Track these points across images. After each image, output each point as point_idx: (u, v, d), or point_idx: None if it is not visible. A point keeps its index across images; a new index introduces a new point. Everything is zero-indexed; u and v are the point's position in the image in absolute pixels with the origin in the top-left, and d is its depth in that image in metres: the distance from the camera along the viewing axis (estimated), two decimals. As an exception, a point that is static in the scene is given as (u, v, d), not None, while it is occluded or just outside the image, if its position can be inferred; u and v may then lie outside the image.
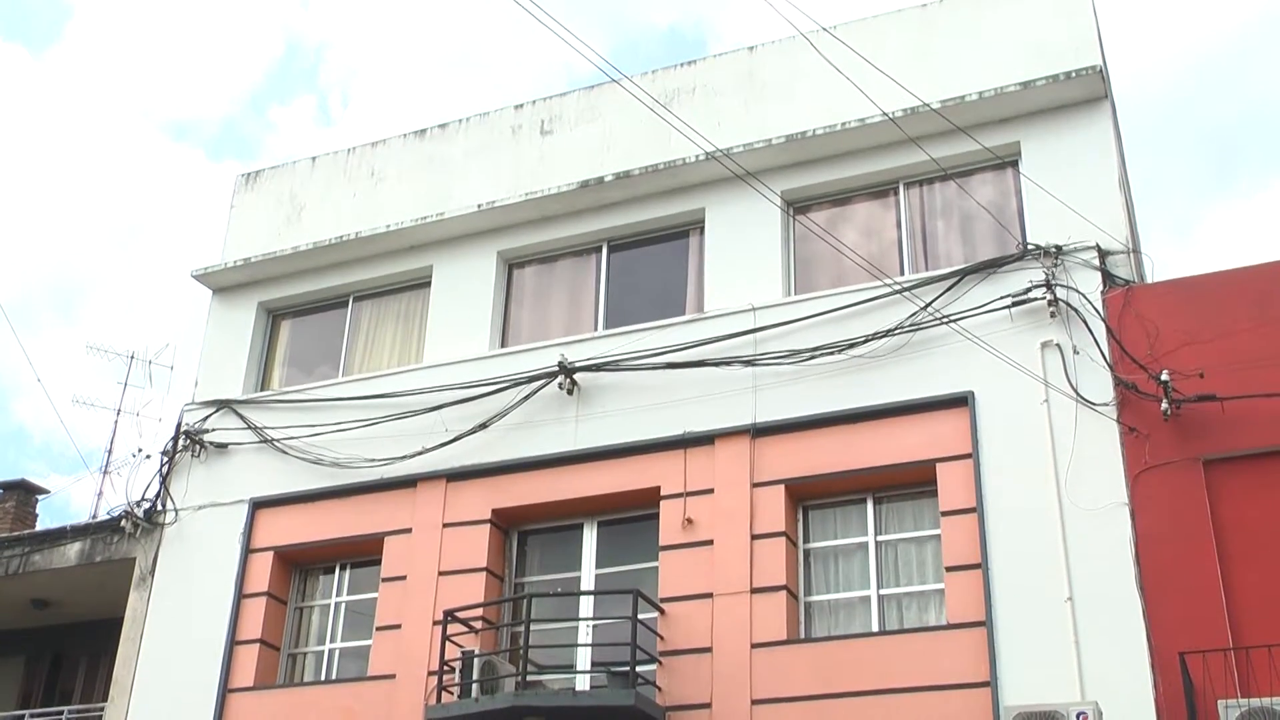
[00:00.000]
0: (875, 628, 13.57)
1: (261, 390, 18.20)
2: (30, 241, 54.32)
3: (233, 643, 16.21)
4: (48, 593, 19.30)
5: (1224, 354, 12.65)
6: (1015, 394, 13.39)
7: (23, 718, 18.60)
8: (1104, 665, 12.04)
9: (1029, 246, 14.01)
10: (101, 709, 17.19)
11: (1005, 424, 13.37)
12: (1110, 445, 12.86)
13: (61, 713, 18.16)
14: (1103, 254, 13.77)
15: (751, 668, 13.43)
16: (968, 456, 13.42)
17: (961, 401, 13.67)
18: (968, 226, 15.23)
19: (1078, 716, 11.40)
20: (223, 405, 17.83)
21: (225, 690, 15.97)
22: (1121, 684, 11.87)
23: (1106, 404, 13.01)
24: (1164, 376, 12.56)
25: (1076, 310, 13.48)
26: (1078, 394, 13.13)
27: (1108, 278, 13.68)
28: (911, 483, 13.88)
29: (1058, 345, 13.45)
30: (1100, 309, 13.44)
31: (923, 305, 14.14)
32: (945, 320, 13.96)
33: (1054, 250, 13.79)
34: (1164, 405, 12.53)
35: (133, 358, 22.54)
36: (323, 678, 16.17)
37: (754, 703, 13.28)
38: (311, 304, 18.70)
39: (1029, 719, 11.53)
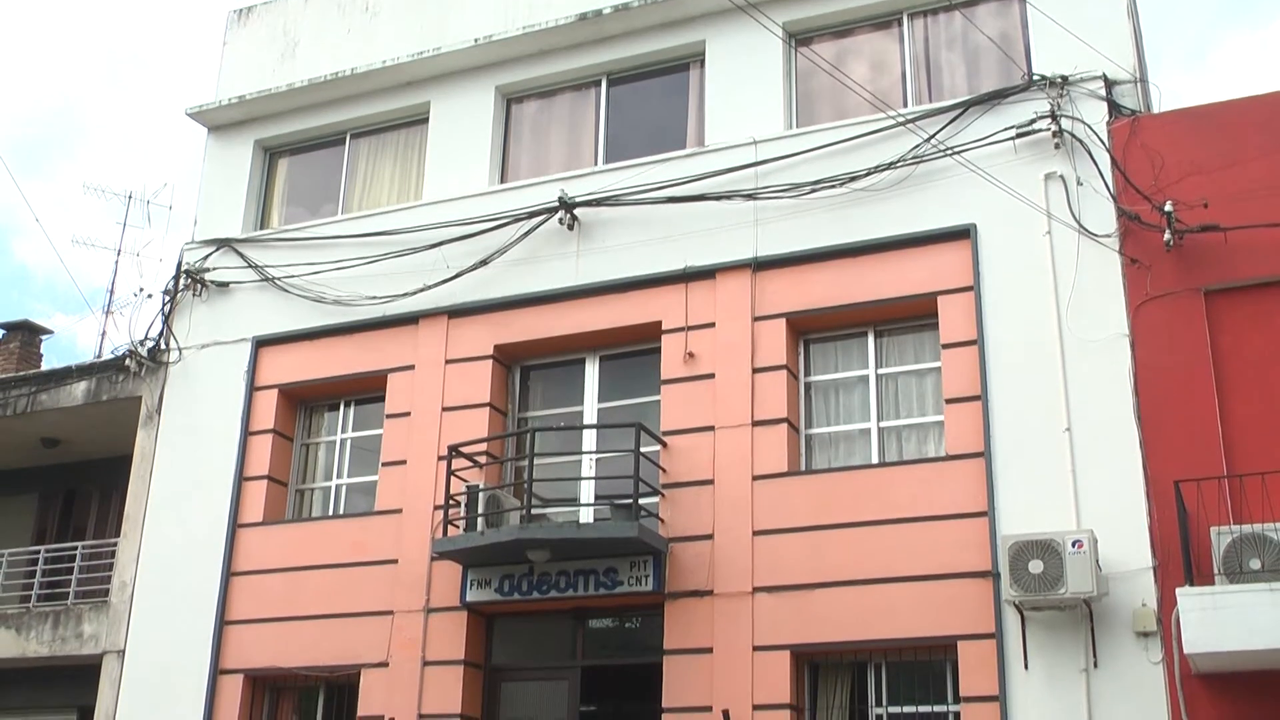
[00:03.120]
0: (875, 459, 13.73)
1: (261, 229, 18.14)
2: (26, 78, 53.62)
3: (241, 479, 16.44)
4: (57, 431, 19.52)
5: (1228, 184, 12.55)
6: (1017, 226, 13.32)
7: (38, 553, 18.94)
8: (1100, 494, 12.20)
9: (1034, 77, 13.78)
10: (115, 544, 17.51)
11: (1007, 256, 13.33)
12: (1112, 276, 12.84)
13: (76, 548, 18.48)
14: (1109, 84, 13.57)
15: (753, 499, 13.63)
16: (969, 289, 13.41)
17: (963, 234, 13.60)
18: (973, 58, 14.97)
19: (1073, 545, 11.59)
20: (223, 244, 17.80)
21: (235, 525, 16.26)
22: (1117, 512, 12.05)
23: (1109, 235, 12.95)
24: (1167, 207, 12.47)
25: (1081, 141, 13.33)
26: (1080, 225, 13.06)
27: (1114, 108, 13.50)
28: (912, 315, 13.90)
29: (1061, 177, 13.34)
30: (1105, 140, 13.29)
31: (926, 138, 13.99)
32: (948, 152, 13.82)
33: (1059, 81, 13.58)
34: (1166, 236, 12.47)
35: (130, 197, 22.49)
36: (330, 513, 16.43)
37: (755, 533, 13.51)
38: (308, 141, 18.51)
39: (1026, 547, 11.74)
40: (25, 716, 18.63)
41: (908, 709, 12.85)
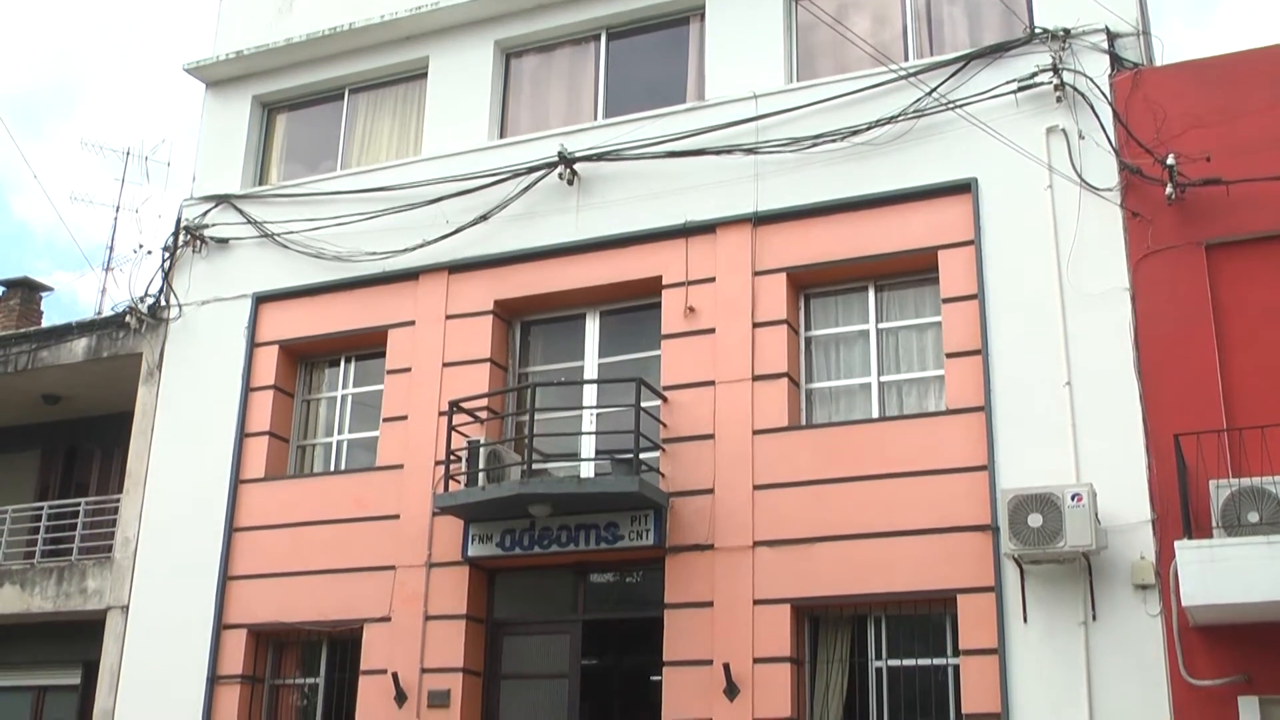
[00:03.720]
0: (875, 414, 13.74)
1: (260, 185, 18.09)
2: (22, 35, 53.31)
3: (242, 435, 16.48)
4: (58, 388, 19.55)
5: (1231, 137, 12.49)
6: (1019, 180, 13.27)
7: (41, 509, 19.01)
8: (1100, 448, 12.21)
9: (1036, 30, 13.68)
10: (117, 500, 17.58)
11: (1008, 210, 13.29)
12: (1113, 230, 12.81)
13: (79, 504, 18.54)
14: (1111, 37, 13.48)
15: (753, 453, 13.65)
16: (970, 243, 13.38)
17: (965, 188, 13.56)
18: (974, 11, 14.86)
19: (1073, 498, 11.62)
20: (221, 200, 17.76)
21: (237, 481, 16.31)
22: (1116, 466, 12.07)
23: (1110, 189, 12.90)
24: (1169, 160, 12.42)
25: (1083, 94, 13.25)
26: (1082, 179, 13.01)
27: (1116, 61, 13.42)
28: (913, 270, 13.88)
29: (1063, 130, 13.27)
30: (1107, 93, 13.22)
31: (927, 91, 13.92)
32: (949, 106, 13.76)
33: (1062, 34, 13.48)
34: (1169, 189, 12.42)
35: (128, 154, 22.43)
36: (332, 468, 16.47)
37: (756, 488, 13.54)
38: (306, 97, 18.42)
39: (1025, 501, 11.76)
40: (31, 671, 18.79)
41: (907, 662, 12.93)
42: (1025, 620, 12.07)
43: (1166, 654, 11.47)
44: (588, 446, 14.79)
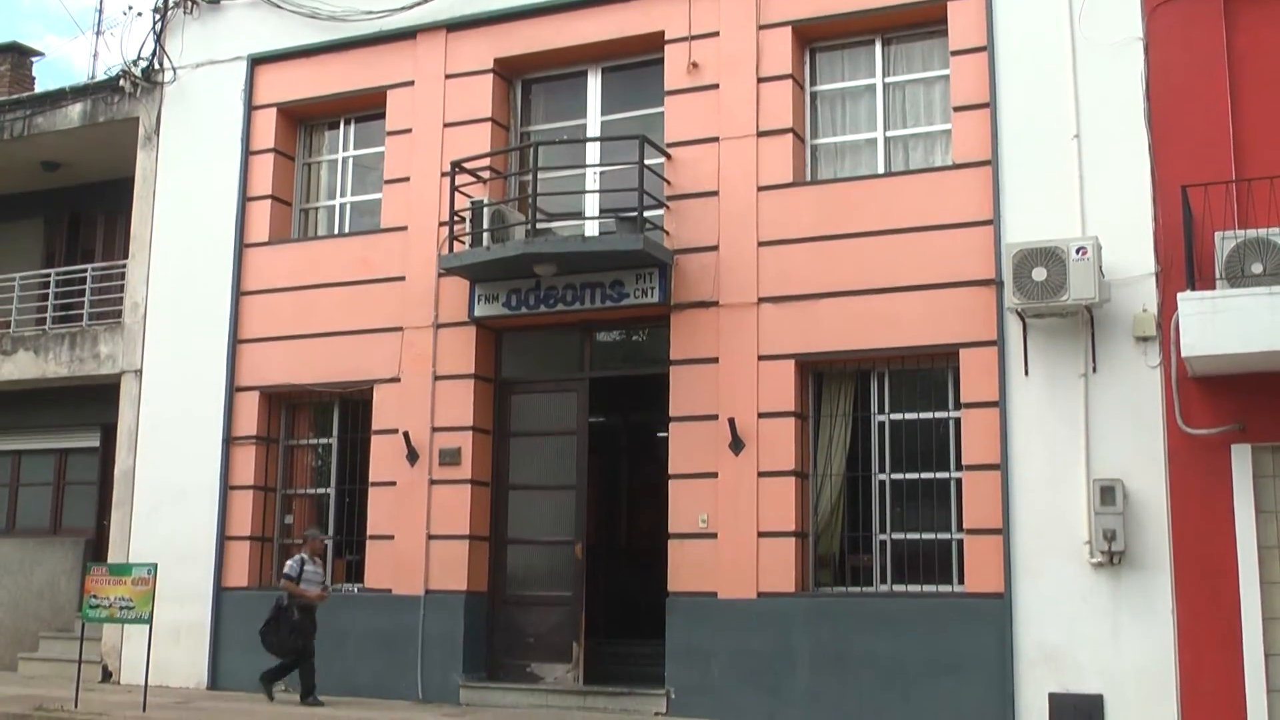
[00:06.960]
0: (881, 169, 13.62)
1: (250, -59, 17.55)
2: None
3: (244, 198, 16.41)
4: (56, 154, 19.36)
5: (1256, -122, 12.02)
6: (1032, -75, 12.85)
7: (49, 276, 19.09)
8: (1107, 201, 12.14)
9: None
10: (124, 266, 17.63)
11: (1020, -42, 12.90)
12: (1128, -23, 12.46)
13: (86, 270, 18.61)
14: None
15: (758, 210, 13.60)
16: (980, -8, 13.04)
17: (976, -66, 13.14)
18: None
19: (1077, 252, 11.61)
20: (211, -43, 17.28)
21: (242, 244, 16.32)
22: (1123, 218, 12.02)
23: (1127, -67, 12.49)
24: (1190, -98, 12.00)
25: None
26: (1097, -77, 12.59)
27: None
28: (921, 22, 13.55)
29: (1080, -128, 12.78)
30: None
31: None
32: None
33: None
34: (1187, -68, 12.05)
35: (112, -91, 21.67)
36: (336, 231, 16.45)
37: (760, 244, 13.54)
38: None
39: (1030, 255, 11.76)
40: (52, 434, 19.21)
41: (909, 415, 13.13)
42: (1026, 373, 12.21)
43: (1164, 404, 11.64)
44: (591, 205, 14.74)
